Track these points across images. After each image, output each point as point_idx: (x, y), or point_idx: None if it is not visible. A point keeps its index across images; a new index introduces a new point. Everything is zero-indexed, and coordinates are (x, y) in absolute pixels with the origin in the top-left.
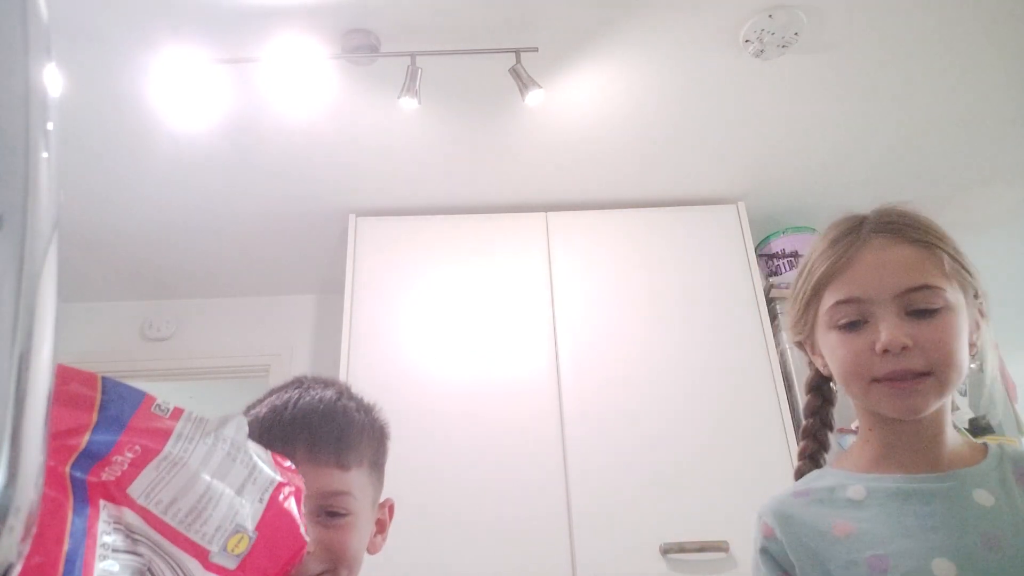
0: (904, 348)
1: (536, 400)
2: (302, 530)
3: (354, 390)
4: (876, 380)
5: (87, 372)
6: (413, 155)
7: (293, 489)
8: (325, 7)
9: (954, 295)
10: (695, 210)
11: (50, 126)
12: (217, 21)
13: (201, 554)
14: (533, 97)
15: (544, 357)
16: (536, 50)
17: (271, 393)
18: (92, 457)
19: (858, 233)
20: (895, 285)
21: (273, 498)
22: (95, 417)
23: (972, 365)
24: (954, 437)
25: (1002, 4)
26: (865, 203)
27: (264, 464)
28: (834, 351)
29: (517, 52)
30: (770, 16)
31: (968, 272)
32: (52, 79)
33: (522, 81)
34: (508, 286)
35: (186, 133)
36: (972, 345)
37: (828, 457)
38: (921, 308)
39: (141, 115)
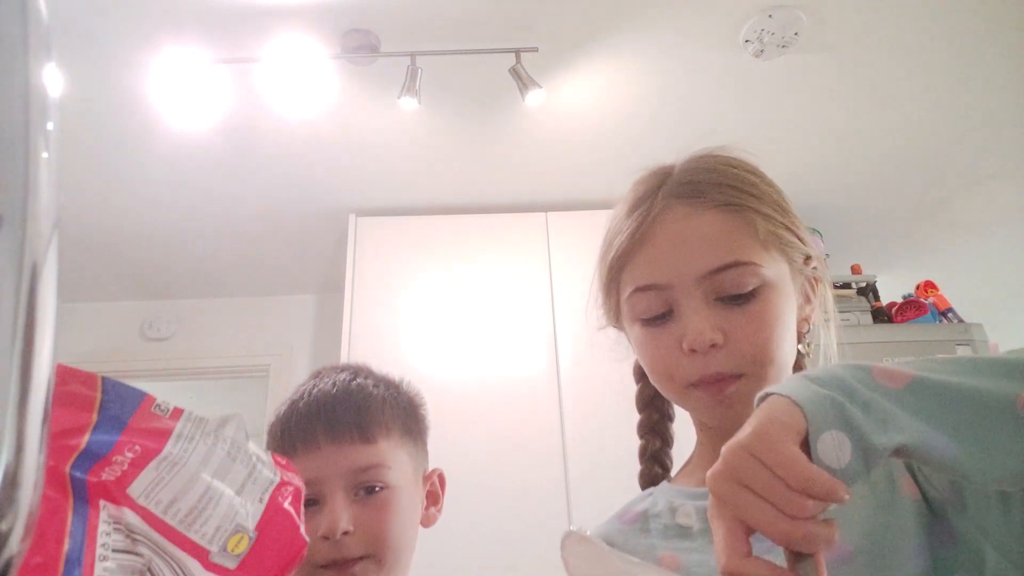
0: (713, 346)
1: (536, 399)
2: (302, 530)
3: (375, 369)
4: (692, 385)
5: (87, 372)
6: (413, 155)
7: (293, 489)
8: (325, 7)
9: (773, 268)
10: None
11: (50, 126)
12: (217, 21)
13: (201, 554)
14: (533, 97)
15: (544, 356)
16: (536, 50)
17: (294, 390)
18: (92, 457)
19: (655, 199)
20: (698, 266)
21: (273, 498)
22: (95, 417)
23: (799, 347)
24: None
25: (1001, 4)
26: (864, 203)
27: (264, 464)
28: (641, 348)
29: (517, 52)
30: (770, 16)
31: (793, 234)
32: (52, 79)
33: (522, 81)
34: (508, 286)
35: (186, 133)
36: (804, 320)
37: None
38: (732, 293)
39: (141, 115)
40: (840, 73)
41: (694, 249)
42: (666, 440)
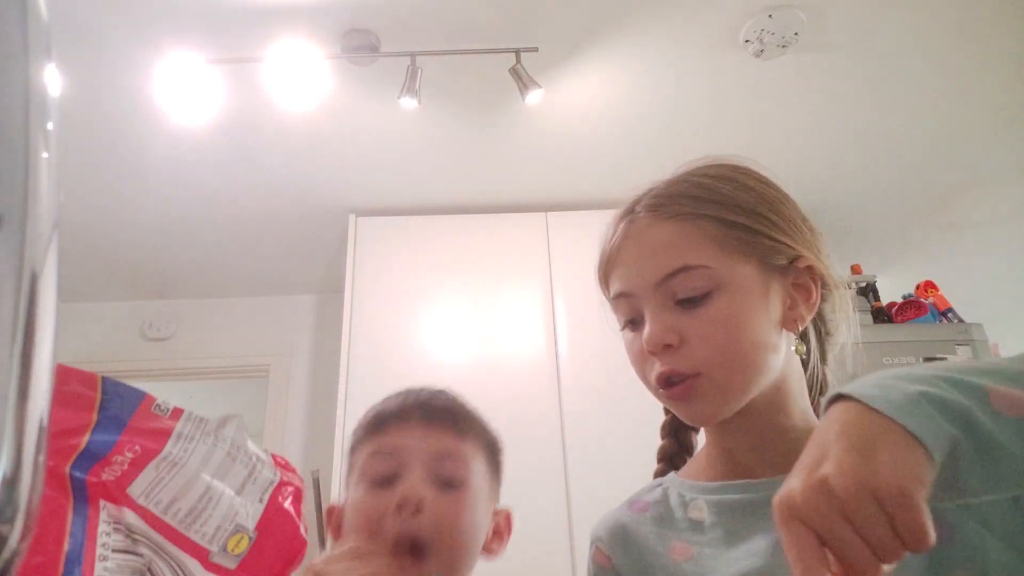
0: (668, 347)
1: (536, 400)
2: (302, 530)
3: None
4: (659, 387)
5: (87, 372)
6: (413, 155)
7: (293, 489)
8: (325, 7)
9: (732, 271)
10: None
11: (50, 126)
12: (217, 21)
13: (201, 554)
14: (533, 97)
15: (544, 356)
16: (536, 50)
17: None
18: (92, 457)
19: (632, 213)
20: (652, 273)
21: (273, 498)
22: (95, 417)
23: (792, 347)
24: (806, 429)
25: (1001, 5)
26: (864, 203)
27: (264, 464)
28: (627, 353)
29: (517, 52)
30: (770, 16)
31: (767, 236)
32: (52, 79)
33: (522, 81)
34: (508, 285)
35: (186, 133)
36: (793, 322)
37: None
38: (685, 296)
39: (141, 115)
40: (840, 73)
41: (649, 258)
42: (683, 444)
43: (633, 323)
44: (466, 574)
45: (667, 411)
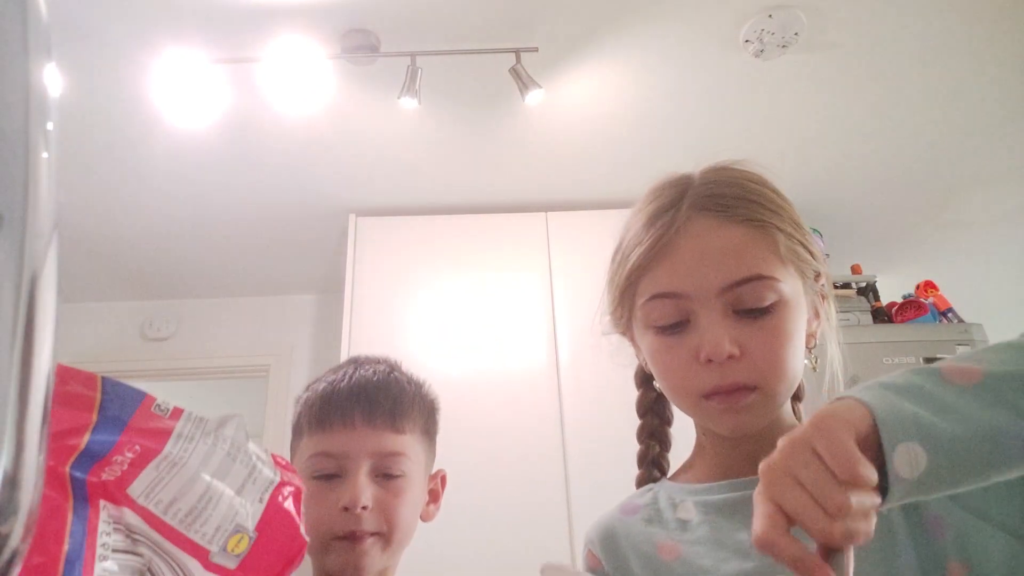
0: (730, 357)
1: (536, 399)
2: (302, 530)
3: (404, 367)
4: (705, 396)
5: (87, 372)
6: (413, 155)
7: (293, 489)
8: (325, 7)
9: (790, 283)
10: None
11: (50, 126)
12: (217, 21)
13: (201, 554)
14: (533, 97)
15: (544, 356)
16: (536, 50)
17: (328, 372)
18: (92, 457)
19: (678, 211)
20: (720, 278)
21: (273, 498)
22: (95, 417)
23: (806, 361)
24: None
25: (1001, 5)
26: (865, 203)
27: (264, 464)
28: (654, 357)
29: (517, 52)
30: (770, 16)
31: (808, 251)
32: (52, 79)
33: (522, 81)
34: (508, 285)
35: (186, 133)
36: (811, 336)
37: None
38: (750, 306)
39: (141, 115)
40: (840, 73)
41: (717, 261)
42: (664, 445)
43: (675, 327)
44: (406, 545)
45: (644, 413)
